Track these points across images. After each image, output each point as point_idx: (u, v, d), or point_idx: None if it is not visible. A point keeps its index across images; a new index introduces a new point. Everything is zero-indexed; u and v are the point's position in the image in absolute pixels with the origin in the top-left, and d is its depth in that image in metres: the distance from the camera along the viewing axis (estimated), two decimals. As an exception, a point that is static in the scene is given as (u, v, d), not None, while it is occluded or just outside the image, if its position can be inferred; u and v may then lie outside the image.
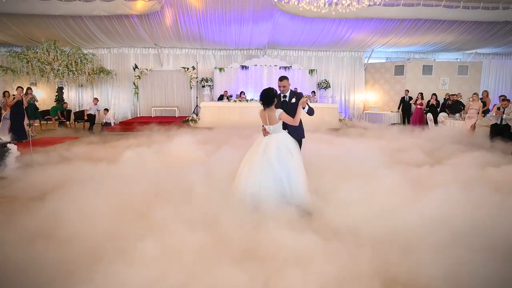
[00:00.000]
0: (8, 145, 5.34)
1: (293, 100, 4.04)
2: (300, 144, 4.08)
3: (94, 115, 11.49)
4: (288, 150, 3.64)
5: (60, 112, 12.34)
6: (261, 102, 3.74)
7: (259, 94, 3.86)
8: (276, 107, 3.81)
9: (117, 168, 4.99)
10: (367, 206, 3.20)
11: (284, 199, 3.49)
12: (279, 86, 4.09)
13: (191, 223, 2.94)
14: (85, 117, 11.77)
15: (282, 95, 4.15)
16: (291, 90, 4.19)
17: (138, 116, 14.11)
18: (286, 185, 3.54)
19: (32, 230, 2.89)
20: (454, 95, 11.90)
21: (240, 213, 3.16)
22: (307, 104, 3.90)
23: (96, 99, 11.85)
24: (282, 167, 3.56)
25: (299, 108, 3.79)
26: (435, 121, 10.81)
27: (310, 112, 4.00)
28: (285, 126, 3.96)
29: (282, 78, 4.10)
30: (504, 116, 7.56)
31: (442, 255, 2.48)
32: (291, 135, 3.91)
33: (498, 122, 7.68)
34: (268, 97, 3.68)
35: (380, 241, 2.74)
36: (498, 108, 7.93)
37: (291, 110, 3.93)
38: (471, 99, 9.51)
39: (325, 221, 3.12)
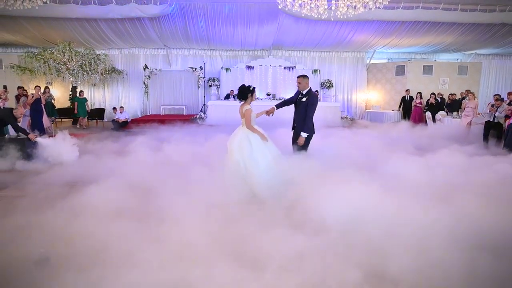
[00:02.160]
0: (40, 138, 5.79)
1: (304, 99, 4.44)
2: (307, 140, 4.44)
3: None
4: (249, 141, 3.94)
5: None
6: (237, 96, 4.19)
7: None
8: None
9: (125, 164, 5.20)
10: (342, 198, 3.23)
11: (244, 184, 3.86)
12: (297, 83, 4.56)
13: (184, 219, 3.02)
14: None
15: (299, 92, 4.55)
16: (310, 89, 4.51)
17: (148, 114, 14.62)
18: (243, 172, 3.89)
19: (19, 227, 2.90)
20: (453, 94, 12.29)
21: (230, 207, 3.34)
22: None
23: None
24: (241, 155, 3.92)
25: (259, 114, 4.27)
26: (433, 119, 11.23)
27: (282, 104, 4.52)
28: (294, 120, 4.44)
29: (298, 76, 4.55)
30: (497, 114, 7.97)
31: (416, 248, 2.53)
32: (295, 129, 4.36)
33: (491, 120, 8.09)
34: (241, 92, 4.08)
35: (352, 232, 2.80)
36: (492, 106, 8.36)
37: (299, 107, 4.38)
38: (467, 98, 9.93)
39: (301, 214, 3.18)
